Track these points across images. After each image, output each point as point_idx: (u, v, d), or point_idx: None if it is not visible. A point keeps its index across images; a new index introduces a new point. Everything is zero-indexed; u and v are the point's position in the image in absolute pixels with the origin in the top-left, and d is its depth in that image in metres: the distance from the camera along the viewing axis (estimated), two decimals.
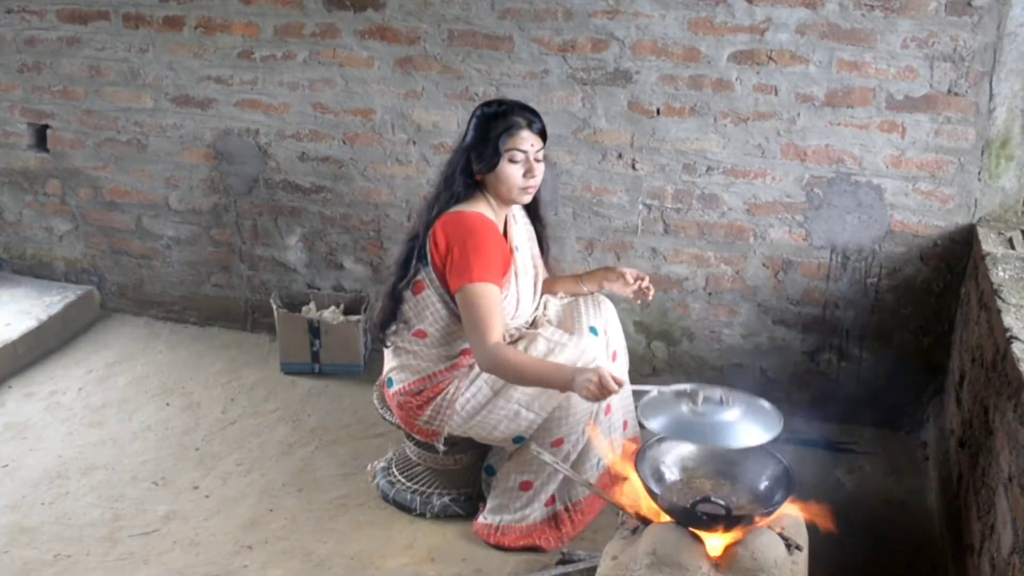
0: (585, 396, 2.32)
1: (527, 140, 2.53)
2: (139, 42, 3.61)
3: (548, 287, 2.87)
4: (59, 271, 4.09)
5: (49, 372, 3.61)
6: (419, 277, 2.63)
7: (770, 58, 3.03)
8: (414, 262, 2.63)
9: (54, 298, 3.90)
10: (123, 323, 3.99)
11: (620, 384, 2.29)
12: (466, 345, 2.64)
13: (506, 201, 2.62)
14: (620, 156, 3.27)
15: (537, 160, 2.56)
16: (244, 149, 3.65)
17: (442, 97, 3.36)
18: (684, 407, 2.17)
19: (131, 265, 3.98)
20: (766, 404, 2.22)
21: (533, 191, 2.61)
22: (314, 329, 3.54)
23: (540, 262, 2.83)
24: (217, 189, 3.75)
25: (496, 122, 2.53)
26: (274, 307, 3.60)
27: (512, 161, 2.53)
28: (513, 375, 2.47)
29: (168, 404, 3.41)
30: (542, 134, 2.58)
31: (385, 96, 3.43)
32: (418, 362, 2.67)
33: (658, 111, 3.18)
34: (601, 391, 2.29)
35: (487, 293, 2.50)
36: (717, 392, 2.19)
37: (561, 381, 2.39)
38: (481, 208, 2.59)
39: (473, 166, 2.57)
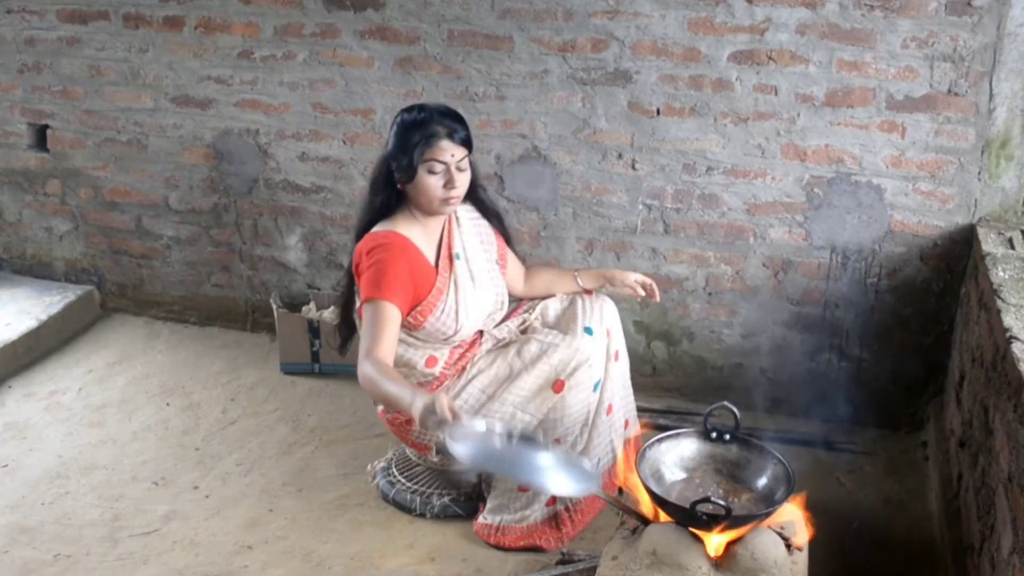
0: (421, 425, 2.16)
1: (447, 150, 2.45)
2: (139, 42, 3.61)
3: (534, 276, 2.86)
4: (59, 271, 4.09)
5: (49, 372, 3.61)
6: (359, 303, 2.60)
7: (770, 58, 3.03)
8: (348, 280, 2.65)
9: (54, 298, 3.90)
10: (123, 323, 3.99)
11: (455, 415, 2.10)
12: (427, 354, 2.62)
13: (428, 212, 2.55)
14: (620, 156, 3.27)
15: (460, 170, 2.49)
16: (244, 149, 3.65)
17: (442, 97, 3.36)
18: (498, 442, 2.10)
19: (131, 265, 3.98)
20: (587, 465, 2.20)
21: (456, 202, 2.54)
22: (314, 329, 3.54)
23: (503, 264, 2.78)
24: (217, 189, 3.75)
25: (414, 131, 2.45)
26: (274, 307, 3.60)
27: (431, 172, 2.46)
28: (371, 387, 2.36)
29: (168, 404, 3.41)
30: (465, 143, 2.49)
31: (385, 96, 3.43)
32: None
33: (658, 111, 3.18)
34: (433, 420, 2.11)
35: (381, 311, 2.42)
36: (539, 439, 2.17)
37: (404, 406, 2.23)
38: (401, 224, 2.55)
39: (394, 175, 2.52)
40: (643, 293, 2.80)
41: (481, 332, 2.72)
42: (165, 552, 2.65)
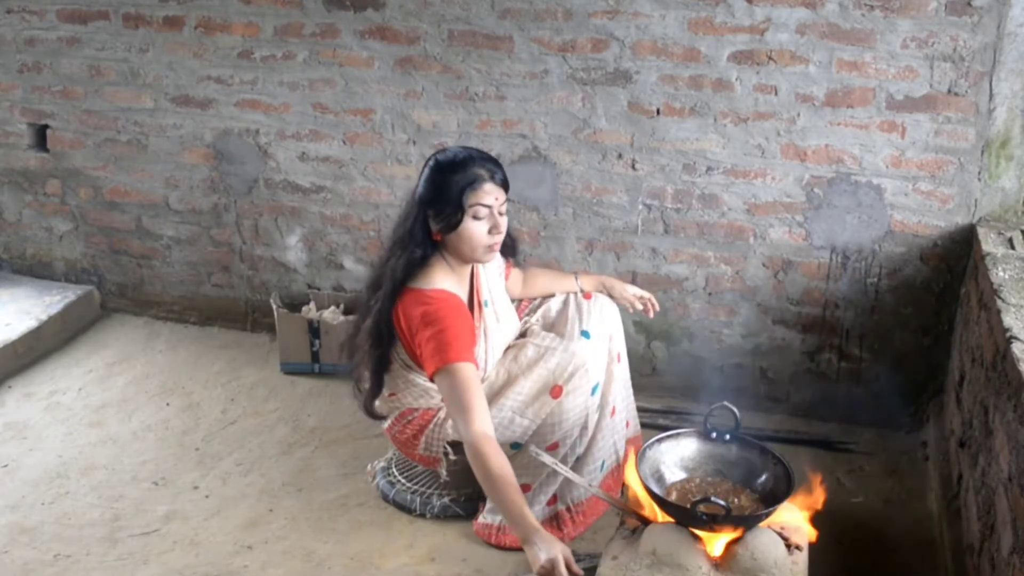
0: (534, 569, 2.07)
1: (491, 193, 2.36)
2: (139, 42, 3.61)
3: (532, 278, 2.85)
4: (59, 271, 4.09)
5: (49, 372, 3.61)
6: (426, 370, 2.52)
7: (770, 58, 3.03)
8: (384, 337, 2.49)
9: (54, 298, 3.90)
10: (123, 323, 3.99)
11: None
12: None
13: (467, 260, 2.47)
14: (620, 156, 3.27)
15: (501, 214, 2.40)
16: (244, 149, 3.65)
17: (442, 97, 3.36)
18: None
19: (131, 265, 3.98)
20: None
21: (498, 248, 2.46)
22: (314, 329, 3.54)
23: (507, 278, 2.78)
24: (217, 189, 3.75)
25: (455, 175, 2.34)
26: (274, 307, 3.60)
27: (476, 218, 2.36)
28: (482, 477, 2.25)
29: (168, 404, 3.41)
30: (504, 185, 2.41)
31: (385, 96, 3.43)
32: (403, 404, 2.66)
33: (658, 111, 3.18)
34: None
35: (461, 374, 2.32)
36: None
37: (517, 531, 2.15)
38: (440, 279, 2.44)
39: (431, 224, 2.40)
40: (640, 308, 2.82)
41: None
42: (165, 552, 2.65)
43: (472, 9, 3.22)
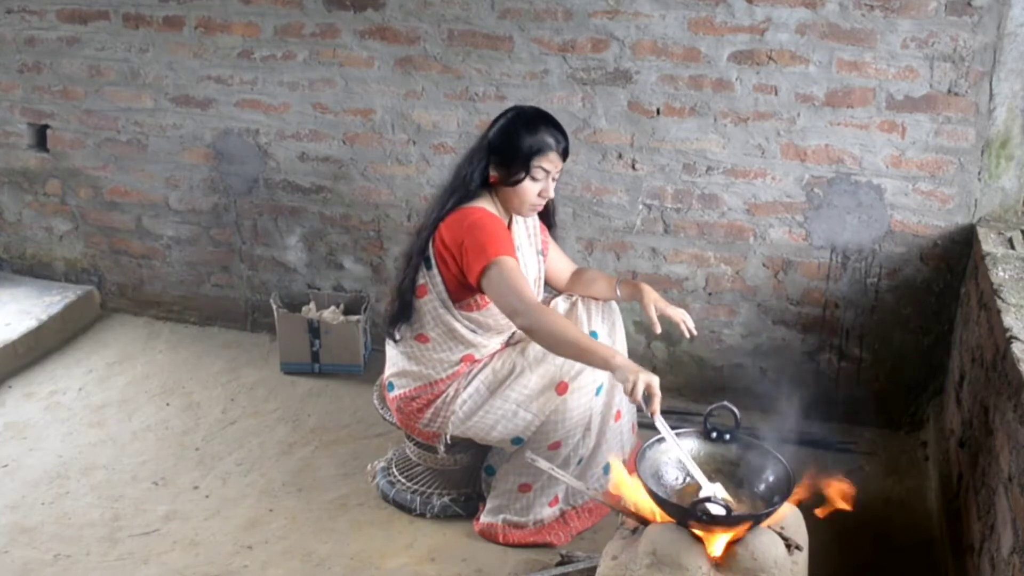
0: (624, 388, 2.26)
1: (553, 162, 2.52)
2: (139, 42, 3.61)
3: (579, 275, 2.86)
4: (59, 271, 4.09)
5: (49, 372, 3.60)
6: (422, 281, 2.61)
7: (770, 58, 3.03)
8: (414, 258, 2.61)
9: (54, 298, 3.90)
10: (123, 323, 3.99)
11: (652, 409, 2.24)
12: (467, 351, 2.64)
13: (511, 211, 2.61)
14: (620, 156, 3.27)
15: (554, 180, 2.56)
16: (244, 149, 3.65)
17: (442, 97, 3.36)
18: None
19: (131, 265, 3.98)
20: None
21: (540, 208, 2.61)
22: (314, 329, 3.55)
23: (543, 264, 2.81)
24: (217, 189, 3.75)
25: (529, 136, 2.49)
26: (274, 307, 3.60)
27: (534, 179, 2.52)
28: (550, 338, 2.37)
29: (168, 404, 3.41)
30: (565, 155, 2.56)
31: (385, 96, 3.43)
32: (419, 368, 2.66)
33: (658, 111, 3.18)
34: (634, 395, 2.23)
35: (508, 264, 2.45)
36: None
37: (600, 359, 2.31)
38: (484, 204, 2.58)
39: (491, 170, 2.55)
40: (658, 331, 2.70)
41: None
42: (165, 552, 2.65)
43: (472, 9, 3.22)
